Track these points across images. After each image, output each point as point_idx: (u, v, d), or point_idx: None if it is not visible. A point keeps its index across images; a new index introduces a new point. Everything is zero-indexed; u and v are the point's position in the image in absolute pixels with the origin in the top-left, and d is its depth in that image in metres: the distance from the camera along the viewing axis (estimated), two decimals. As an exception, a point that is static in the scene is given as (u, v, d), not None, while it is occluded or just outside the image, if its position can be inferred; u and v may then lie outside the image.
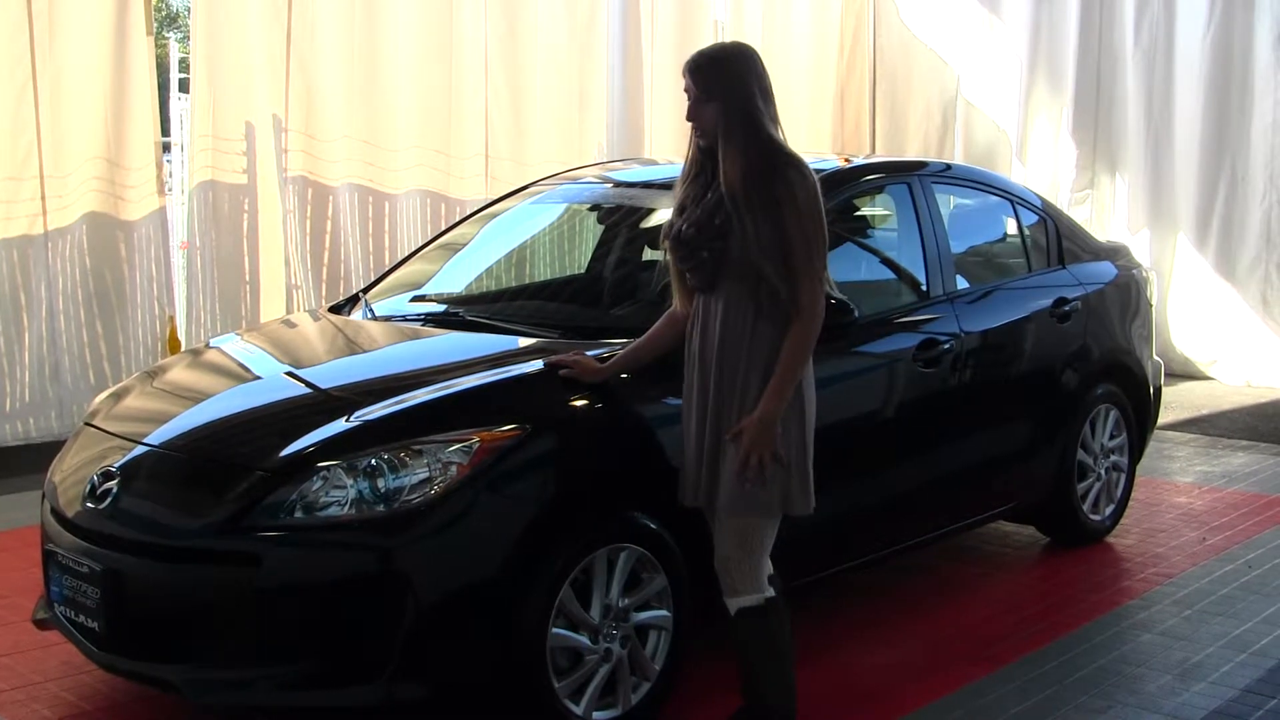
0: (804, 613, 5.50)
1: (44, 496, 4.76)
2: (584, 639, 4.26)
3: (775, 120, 4.10)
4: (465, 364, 4.84)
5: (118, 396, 5.12)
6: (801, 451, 4.06)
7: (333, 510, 4.04)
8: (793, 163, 4.01)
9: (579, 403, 4.44)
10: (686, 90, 4.11)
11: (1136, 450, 6.95)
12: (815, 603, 5.62)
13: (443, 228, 8.44)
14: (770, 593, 4.11)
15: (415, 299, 5.85)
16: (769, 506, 4.03)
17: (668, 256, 4.24)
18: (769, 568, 4.14)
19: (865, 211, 6.23)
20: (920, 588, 6.01)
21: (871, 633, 5.43)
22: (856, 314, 4.87)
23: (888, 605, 5.76)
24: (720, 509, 4.06)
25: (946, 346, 5.62)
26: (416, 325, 5.51)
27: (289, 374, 5.10)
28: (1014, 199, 6.68)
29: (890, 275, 6.05)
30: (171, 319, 8.83)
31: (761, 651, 4.15)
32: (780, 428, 3.97)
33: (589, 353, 4.52)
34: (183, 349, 8.47)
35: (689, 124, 4.14)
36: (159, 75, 9.95)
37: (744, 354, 4.03)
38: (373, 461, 4.09)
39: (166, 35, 22.10)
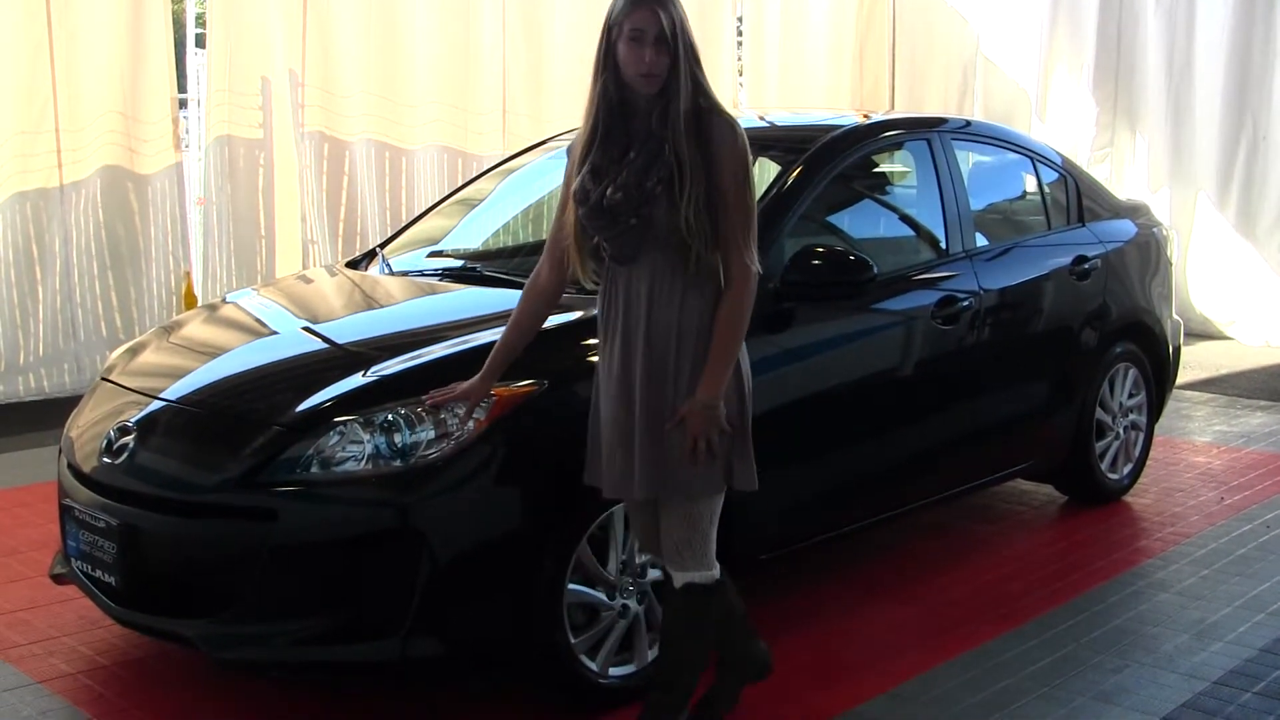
0: (820, 571, 5.52)
1: (60, 452, 4.76)
2: (601, 595, 4.26)
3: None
4: (482, 319, 4.81)
5: (134, 351, 5.12)
6: (741, 425, 3.79)
7: (349, 465, 4.04)
8: (727, 120, 3.68)
9: (596, 358, 4.42)
10: (640, 28, 3.61)
11: (1155, 409, 6.92)
12: (831, 561, 5.62)
13: (459, 183, 8.42)
14: (717, 571, 3.88)
15: (432, 254, 5.83)
16: (714, 484, 3.77)
17: (570, 223, 3.82)
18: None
19: (884, 168, 6.19)
20: (937, 546, 6.00)
21: (887, 591, 5.42)
22: (875, 271, 4.85)
23: (904, 563, 5.76)
24: (666, 497, 3.79)
25: (965, 304, 5.60)
26: (433, 280, 5.49)
27: (306, 329, 5.10)
28: (1034, 156, 6.64)
29: (909, 232, 6.02)
30: (187, 274, 8.84)
31: (696, 630, 3.92)
32: (722, 404, 3.69)
33: None
34: (199, 304, 8.48)
35: (596, 74, 3.74)
36: (176, 31, 9.93)
37: (675, 331, 3.70)
38: (389, 417, 4.08)
39: (183, -10, 22.02)
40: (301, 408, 4.21)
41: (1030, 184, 6.69)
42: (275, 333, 5.22)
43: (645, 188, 3.64)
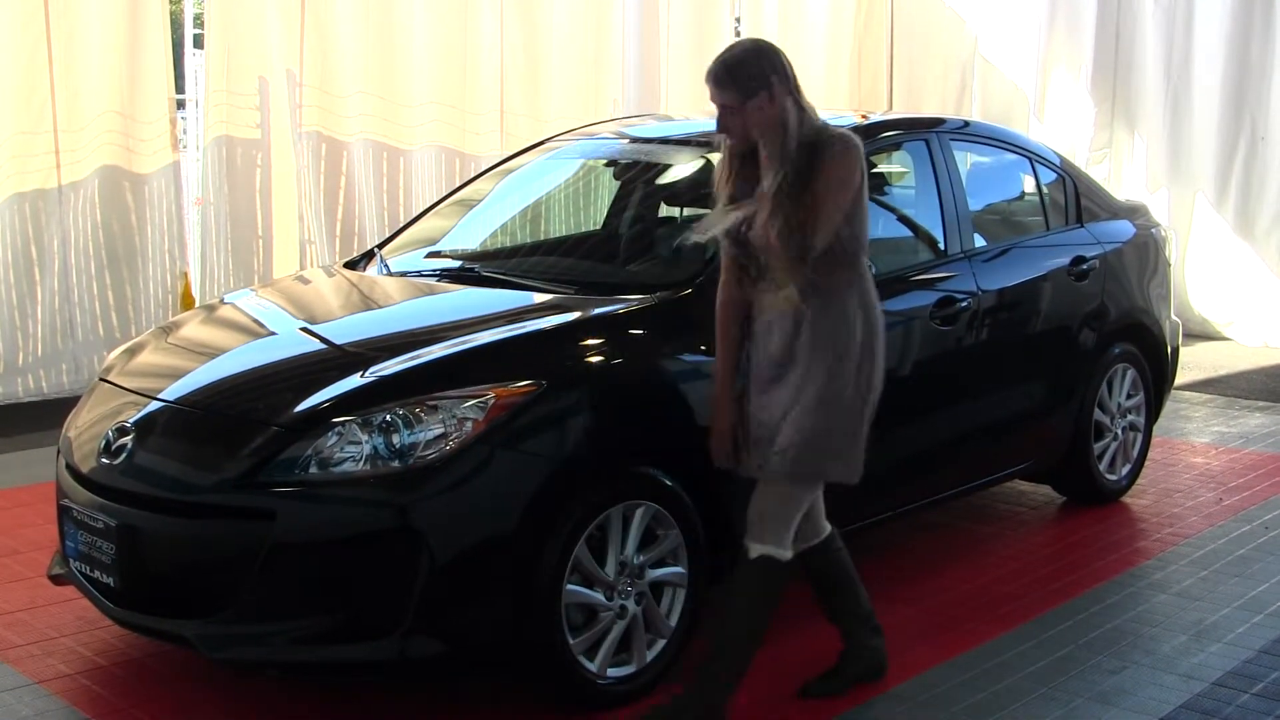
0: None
1: (59, 452, 4.76)
2: (599, 596, 4.25)
3: (801, 108, 4.05)
4: (481, 320, 4.82)
5: (132, 352, 5.12)
6: (857, 418, 4.12)
7: (348, 466, 4.03)
8: (834, 142, 3.99)
9: (595, 359, 4.42)
10: (713, 99, 4.06)
11: (1153, 410, 6.91)
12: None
13: (458, 184, 8.42)
14: (790, 555, 4.10)
15: (430, 255, 5.83)
16: (818, 473, 4.13)
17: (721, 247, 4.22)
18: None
19: (882, 168, 6.19)
20: (935, 547, 6.00)
21: (886, 591, 5.41)
22: (873, 271, 4.84)
23: (902, 564, 5.76)
24: (770, 472, 4.07)
25: (963, 305, 5.60)
26: (432, 281, 5.49)
27: (304, 330, 5.10)
28: (1032, 156, 6.64)
29: (907, 232, 6.01)
30: (185, 274, 8.83)
31: (760, 602, 4.15)
32: (836, 396, 4.04)
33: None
34: (196, 304, 8.47)
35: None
36: (174, 31, 9.92)
37: (787, 323, 4.07)
38: (388, 417, 4.08)
39: (181, -10, 21.99)
40: (300, 408, 4.21)
41: (1028, 184, 6.69)
42: (273, 333, 5.22)
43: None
